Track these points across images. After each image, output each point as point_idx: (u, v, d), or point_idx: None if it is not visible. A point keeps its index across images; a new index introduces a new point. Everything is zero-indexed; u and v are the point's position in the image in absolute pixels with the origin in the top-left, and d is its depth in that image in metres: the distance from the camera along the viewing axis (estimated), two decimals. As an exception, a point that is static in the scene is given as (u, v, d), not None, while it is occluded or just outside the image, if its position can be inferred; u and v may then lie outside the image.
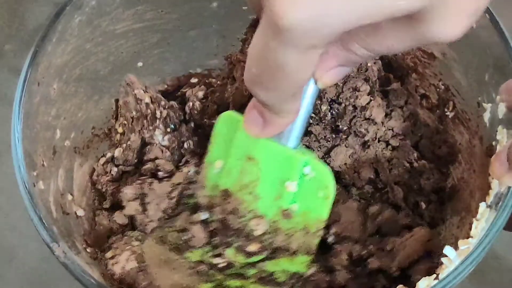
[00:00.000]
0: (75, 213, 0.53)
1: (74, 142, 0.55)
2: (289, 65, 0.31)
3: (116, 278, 0.50)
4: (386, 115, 0.56)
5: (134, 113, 0.57)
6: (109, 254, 0.51)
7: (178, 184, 0.55)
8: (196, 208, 0.52)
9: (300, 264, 0.49)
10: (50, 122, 0.52)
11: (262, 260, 0.49)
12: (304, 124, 0.43)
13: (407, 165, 0.55)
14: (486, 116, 0.49)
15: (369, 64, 0.55)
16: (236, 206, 0.49)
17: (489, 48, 0.49)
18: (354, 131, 0.55)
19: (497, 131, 0.47)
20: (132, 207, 0.53)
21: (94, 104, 0.58)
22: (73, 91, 0.55)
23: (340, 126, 0.55)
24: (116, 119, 0.59)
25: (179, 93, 0.61)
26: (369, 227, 0.53)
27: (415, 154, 0.55)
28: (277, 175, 0.47)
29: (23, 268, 0.74)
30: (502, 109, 0.46)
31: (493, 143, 0.47)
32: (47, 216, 0.45)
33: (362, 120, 0.55)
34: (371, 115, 0.55)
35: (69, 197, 0.53)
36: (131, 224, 0.55)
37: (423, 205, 0.54)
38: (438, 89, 0.57)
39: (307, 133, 0.54)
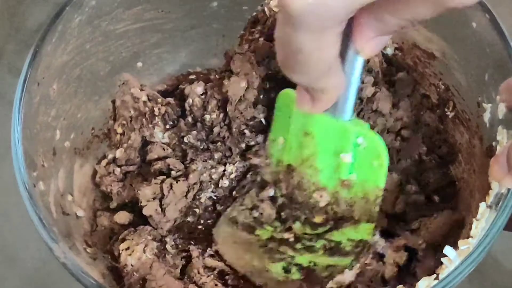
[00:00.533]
0: (75, 213, 0.53)
1: (74, 143, 0.55)
2: (307, 47, 0.34)
3: (129, 270, 0.50)
4: (394, 105, 0.56)
5: (132, 112, 0.57)
6: (123, 246, 0.51)
7: (195, 184, 0.55)
8: (263, 185, 0.55)
9: (364, 232, 0.50)
10: (50, 122, 0.51)
11: (328, 230, 0.51)
12: (354, 96, 0.45)
13: (416, 157, 0.55)
14: (486, 116, 0.49)
15: None
16: (300, 180, 0.51)
17: (489, 47, 0.49)
18: None
19: (497, 132, 0.47)
20: (151, 207, 0.54)
21: (93, 105, 0.58)
22: (73, 91, 0.55)
23: None
24: (115, 120, 0.59)
25: (178, 90, 0.61)
26: (398, 204, 0.53)
27: (424, 148, 0.56)
28: (333, 147, 0.49)
29: (23, 269, 0.74)
30: (502, 109, 0.46)
31: (493, 143, 0.47)
32: (47, 217, 0.45)
33: (370, 113, 0.55)
34: (378, 107, 0.55)
35: (69, 197, 0.53)
36: (132, 223, 0.55)
37: (436, 199, 0.54)
38: (438, 89, 0.57)
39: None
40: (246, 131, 0.57)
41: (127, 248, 0.51)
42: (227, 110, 0.56)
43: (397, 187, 0.54)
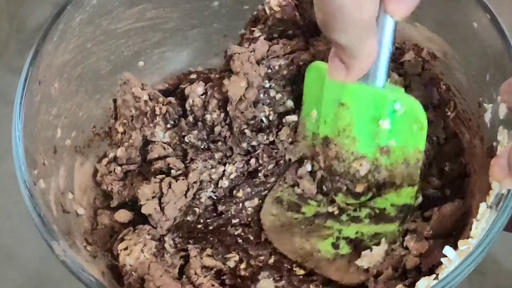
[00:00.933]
0: (76, 211, 0.53)
1: (75, 141, 0.55)
2: (348, 6, 0.36)
3: (127, 270, 0.50)
4: (406, 87, 0.56)
5: (133, 111, 0.57)
6: (122, 245, 0.51)
7: (194, 182, 0.55)
8: (300, 162, 0.56)
9: (407, 196, 0.51)
10: (51, 121, 0.52)
11: (371, 198, 0.52)
12: (388, 62, 0.45)
13: (434, 139, 0.55)
14: (487, 117, 0.49)
15: None
16: (338, 151, 0.52)
17: (490, 48, 0.49)
18: None
19: (497, 132, 0.47)
20: (150, 206, 0.54)
21: (95, 103, 0.58)
22: (74, 90, 0.55)
23: None
24: (116, 119, 0.59)
25: (179, 89, 0.61)
26: (418, 198, 0.53)
27: (444, 135, 0.56)
28: (370, 115, 0.49)
29: (22, 269, 0.74)
30: (503, 110, 0.46)
31: (494, 143, 0.47)
32: (47, 215, 0.45)
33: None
34: None
35: (70, 195, 0.53)
36: (133, 222, 0.55)
37: (448, 192, 0.54)
38: (439, 89, 0.57)
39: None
40: (247, 131, 0.57)
41: (126, 248, 0.51)
42: (228, 109, 0.56)
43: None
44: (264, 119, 0.58)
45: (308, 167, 0.55)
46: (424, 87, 0.57)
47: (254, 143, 0.57)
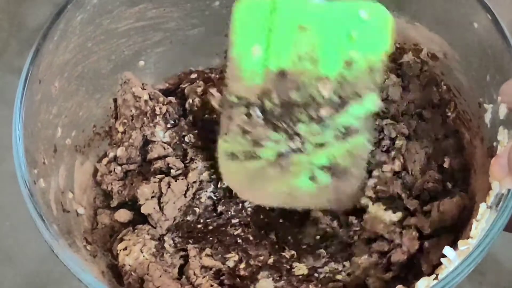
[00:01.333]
0: (76, 211, 0.53)
1: (75, 141, 0.55)
2: None
3: (127, 270, 0.50)
4: (404, 88, 0.57)
5: (133, 110, 0.57)
6: (121, 246, 0.51)
7: (194, 182, 0.55)
8: (247, 107, 0.52)
9: (369, 103, 0.50)
10: (51, 120, 0.52)
11: (335, 118, 0.51)
12: None
13: (432, 136, 0.55)
14: (487, 117, 0.49)
15: None
16: (297, 80, 0.50)
17: (490, 48, 0.49)
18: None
19: (498, 132, 0.47)
20: (149, 206, 0.54)
21: (95, 103, 0.58)
22: (75, 89, 0.55)
23: None
24: (116, 118, 0.59)
25: (179, 89, 0.62)
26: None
27: (443, 132, 0.56)
28: (334, 31, 0.49)
29: (22, 269, 0.74)
30: (503, 110, 0.46)
31: (494, 144, 0.47)
32: (47, 214, 0.45)
33: (381, 101, 0.56)
34: (388, 95, 0.56)
35: (70, 195, 0.53)
36: (133, 222, 0.55)
37: (449, 185, 0.53)
38: (439, 90, 0.57)
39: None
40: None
41: (125, 248, 0.51)
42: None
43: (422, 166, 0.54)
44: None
45: (256, 112, 0.52)
46: (422, 88, 0.57)
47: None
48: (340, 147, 0.51)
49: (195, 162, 0.56)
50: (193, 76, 0.64)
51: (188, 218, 0.56)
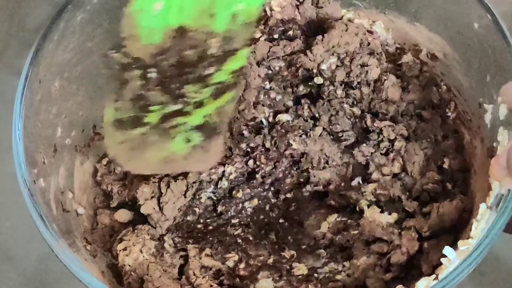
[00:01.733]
0: (76, 210, 0.53)
1: (75, 140, 0.55)
2: None
3: (127, 270, 0.50)
4: (403, 89, 0.57)
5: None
6: (121, 246, 0.51)
7: (194, 182, 0.55)
8: (143, 69, 0.50)
9: (242, 59, 0.50)
10: (51, 120, 0.52)
11: (215, 75, 0.50)
12: None
13: (432, 137, 0.55)
14: (487, 117, 0.49)
15: (369, 39, 0.56)
16: (195, 37, 0.49)
17: (490, 48, 0.49)
18: (375, 112, 0.57)
19: (498, 132, 0.47)
20: (149, 206, 0.54)
21: (95, 103, 0.58)
22: (74, 89, 0.55)
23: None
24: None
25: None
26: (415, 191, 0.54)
27: (442, 133, 0.55)
28: None
29: (22, 269, 0.74)
30: (503, 111, 0.46)
31: (494, 144, 0.47)
32: (47, 213, 0.45)
33: (380, 102, 0.56)
34: (387, 96, 0.56)
35: (70, 195, 0.53)
36: (133, 222, 0.55)
37: (449, 186, 0.53)
38: (439, 90, 0.57)
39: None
40: (245, 132, 0.57)
41: (125, 249, 0.51)
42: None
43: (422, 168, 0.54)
44: (263, 120, 0.58)
45: (153, 74, 0.50)
46: (422, 88, 0.57)
47: (252, 144, 0.57)
48: (213, 105, 0.51)
49: None
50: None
51: (188, 218, 0.56)
